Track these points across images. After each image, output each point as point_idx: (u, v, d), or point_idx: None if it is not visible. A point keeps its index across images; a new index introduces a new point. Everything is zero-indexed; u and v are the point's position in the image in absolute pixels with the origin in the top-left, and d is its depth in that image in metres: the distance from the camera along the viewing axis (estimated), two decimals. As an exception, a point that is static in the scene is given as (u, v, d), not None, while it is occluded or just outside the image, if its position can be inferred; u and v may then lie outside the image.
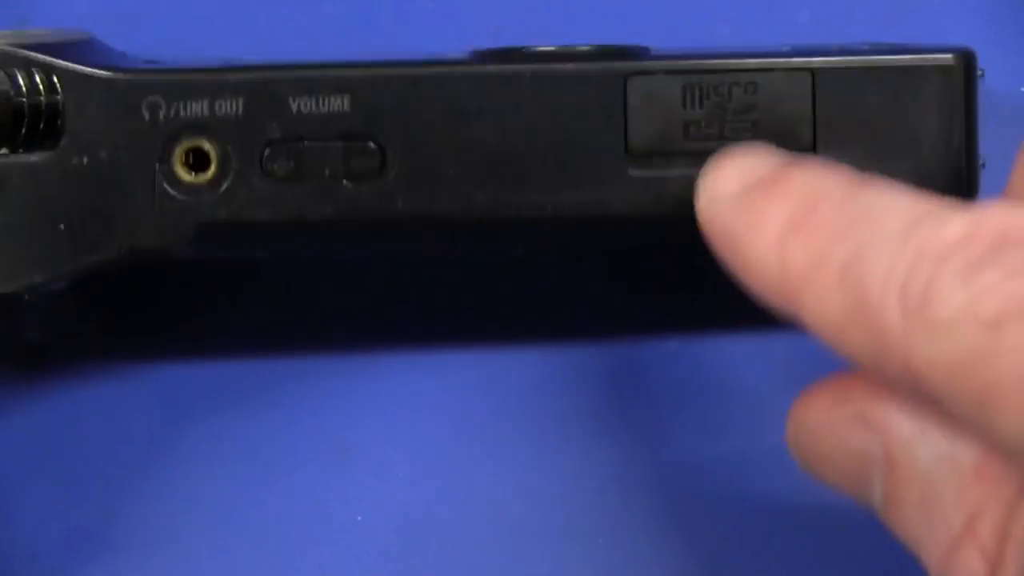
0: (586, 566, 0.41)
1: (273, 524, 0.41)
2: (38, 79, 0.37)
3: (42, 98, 0.37)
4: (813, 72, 0.38)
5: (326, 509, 0.41)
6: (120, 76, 0.38)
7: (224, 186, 0.38)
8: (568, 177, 0.38)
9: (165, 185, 0.38)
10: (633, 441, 0.42)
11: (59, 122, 0.38)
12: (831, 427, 0.34)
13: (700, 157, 0.37)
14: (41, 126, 0.38)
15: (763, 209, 0.33)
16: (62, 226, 0.38)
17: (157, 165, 0.38)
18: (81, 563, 0.41)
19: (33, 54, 0.37)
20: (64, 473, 0.42)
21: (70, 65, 0.38)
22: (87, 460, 0.42)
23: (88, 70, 0.38)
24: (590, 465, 0.42)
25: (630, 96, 0.38)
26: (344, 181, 0.38)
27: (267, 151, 0.38)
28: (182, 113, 0.38)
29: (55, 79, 0.37)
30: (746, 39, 0.44)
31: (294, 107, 0.38)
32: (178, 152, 0.38)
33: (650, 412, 0.42)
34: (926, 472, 0.33)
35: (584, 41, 0.39)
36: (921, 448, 0.33)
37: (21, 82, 0.37)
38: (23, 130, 0.37)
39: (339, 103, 0.38)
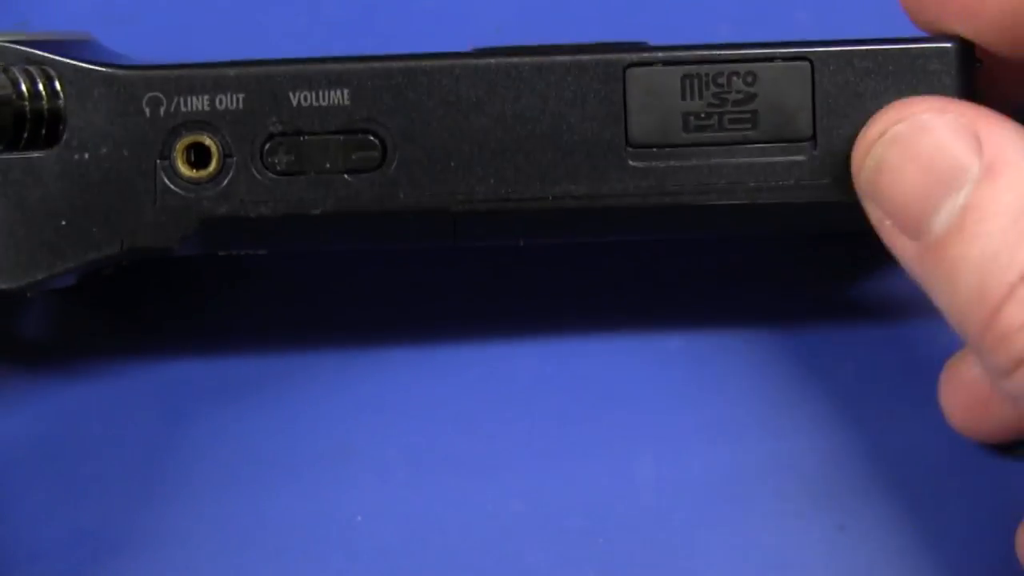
0: (586, 566, 0.41)
1: (273, 524, 0.41)
2: (40, 83, 0.38)
3: (44, 103, 0.38)
4: (812, 60, 0.38)
5: (326, 509, 0.41)
6: (121, 72, 0.38)
7: (225, 181, 0.38)
8: (568, 168, 0.38)
9: (166, 181, 0.38)
10: (633, 439, 0.42)
11: (60, 125, 0.38)
12: (938, 128, 0.36)
13: (699, 148, 0.38)
14: (43, 130, 0.38)
15: None
16: (64, 222, 0.38)
17: (158, 161, 0.38)
18: (81, 563, 0.41)
19: (33, 51, 0.38)
20: (64, 473, 0.42)
21: (70, 62, 0.38)
22: (87, 460, 0.42)
23: (89, 67, 0.38)
24: (590, 465, 0.42)
25: (629, 87, 0.38)
26: (345, 174, 0.38)
27: (268, 145, 0.38)
28: (183, 109, 0.38)
29: (56, 77, 0.38)
30: (746, 39, 0.44)
31: (294, 101, 0.38)
32: (179, 148, 0.38)
33: (650, 414, 0.42)
34: None
35: (584, 40, 0.39)
36: None
37: (24, 87, 0.37)
38: (25, 133, 0.37)
39: (339, 96, 0.38)
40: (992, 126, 0.36)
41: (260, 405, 0.42)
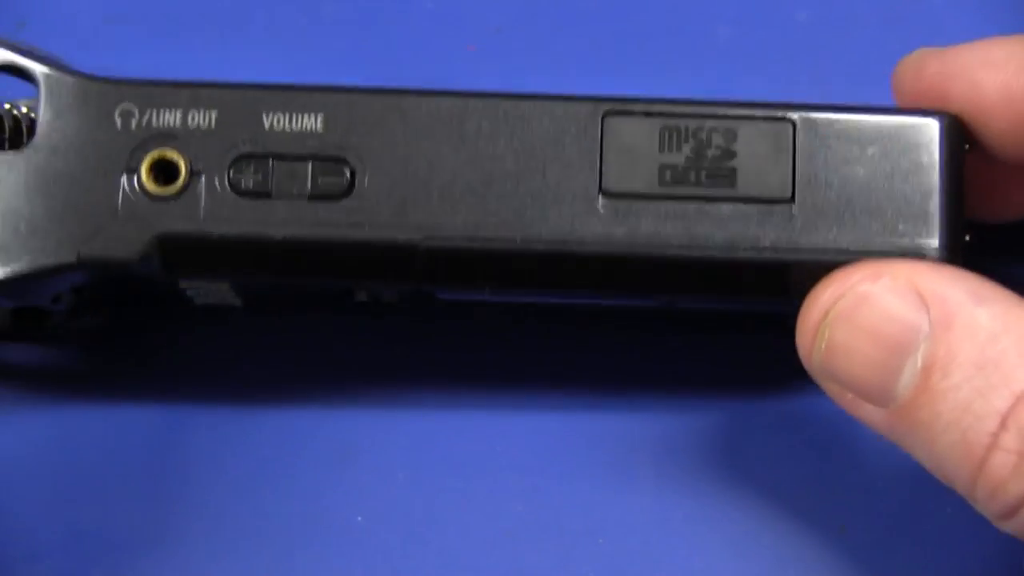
0: (586, 566, 0.41)
1: (273, 524, 0.41)
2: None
3: (17, 111, 0.37)
4: (794, 123, 0.37)
5: (326, 509, 0.41)
6: (95, 82, 0.37)
7: (188, 198, 0.37)
8: (539, 211, 0.37)
9: (129, 193, 0.37)
10: (633, 440, 0.42)
11: (29, 128, 0.37)
12: (878, 296, 0.35)
13: (674, 201, 0.37)
14: (9, 131, 0.37)
15: None
16: (22, 226, 0.37)
17: (124, 174, 0.37)
18: (81, 563, 0.41)
19: (11, 53, 0.37)
20: (64, 472, 0.42)
21: (45, 69, 0.37)
22: (87, 459, 0.42)
23: (63, 74, 0.37)
24: (590, 464, 0.42)
25: (607, 135, 0.37)
26: (310, 200, 0.37)
27: (235, 165, 0.37)
28: (154, 123, 0.37)
29: (34, 79, 0.37)
30: (746, 39, 0.44)
31: (267, 123, 0.37)
32: (146, 161, 0.37)
33: (651, 414, 0.42)
34: (987, 330, 0.34)
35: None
36: (978, 308, 0.35)
37: None
38: None
39: (312, 122, 0.37)
40: (931, 278, 0.35)
41: (260, 405, 0.42)
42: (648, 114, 0.37)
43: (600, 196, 0.37)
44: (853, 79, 0.43)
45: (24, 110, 0.38)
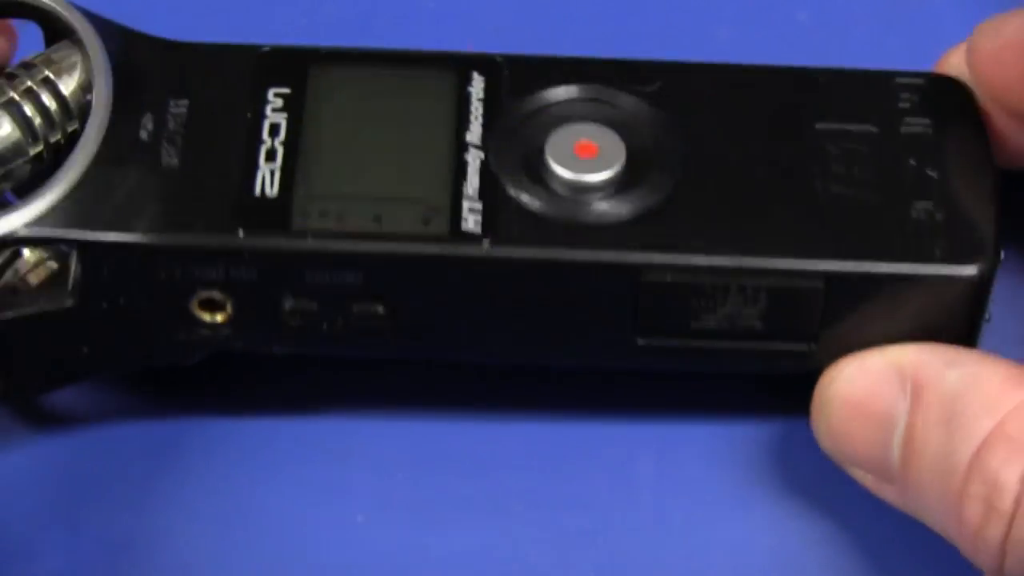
0: (586, 566, 0.41)
1: (273, 524, 0.41)
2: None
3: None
4: (827, 276, 0.37)
5: (326, 509, 0.41)
6: (138, 240, 0.38)
7: (238, 327, 0.39)
8: (574, 346, 0.39)
9: (182, 322, 0.39)
10: (634, 439, 0.42)
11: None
12: (862, 377, 0.38)
13: (706, 337, 0.38)
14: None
15: None
16: (85, 349, 0.39)
17: (175, 310, 0.39)
18: (82, 563, 0.41)
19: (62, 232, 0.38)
20: (64, 472, 0.42)
21: (97, 235, 0.38)
22: (87, 457, 0.42)
23: (110, 237, 0.38)
24: (590, 464, 0.42)
25: (643, 287, 0.38)
26: (353, 332, 0.39)
27: (279, 311, 0.39)
28: (197, 274, 0.38)
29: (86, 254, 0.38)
30: (746, 39, 0.44)
31: (308, 278, 0.38)
32: (195, 301, 0.39)
33: (651, 413, 0.42)
34: (953, 389, 0.36)
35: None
36: (950, 370, 0.36)
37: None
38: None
39: (353, 277, 0.38)
40: (909, 352, 0.37)
41: (260, 405, 0.42)
42: (681, 270, 0.38)
43: (635, 335, 0.39)
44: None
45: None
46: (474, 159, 0.39)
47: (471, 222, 0.38)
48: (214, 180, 0.38)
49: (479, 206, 0.38)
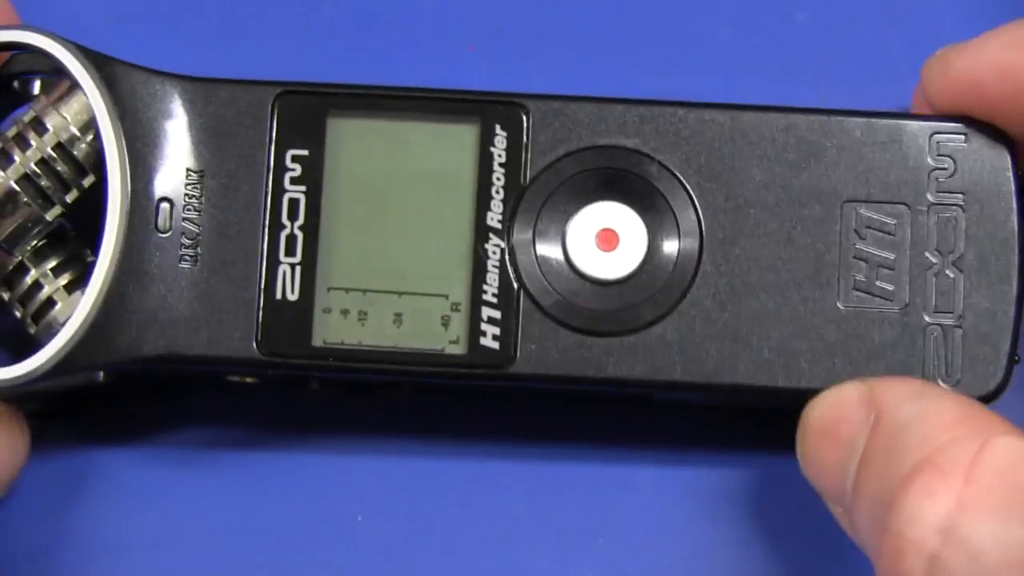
0: (586, 566, 0.41)
1: (273, 524, 0.41)
2: None
3: None
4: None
5: (326, 509, 0.41)
6: (161, 354, 0.38)
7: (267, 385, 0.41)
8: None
9: (211, 382, 0.41)
10: (633, 440, 0.42)
11: None
12: (833, 404, 0.37)
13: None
14: None
15: None
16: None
17: (205, 380, 0.41)
18: (82, 563, 0.41)
19: None
20: (65, 472, 0.42)
21: (120, 357, 0.38)
22: (88, 459, 0.42)
23: (134, 355, 0.38)
24: (591, 464, 0.42)
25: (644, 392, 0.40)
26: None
27: (307, 383, 0.41)
28: (222, 372, 0.40)
29: None
30: (746, 39, 0.44)
31: (331, 377, 0.40)
32: (223, 378, 0.40)
33: (652, 413, 0.42)
34: (904, 421, 0.35)
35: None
36: (909, 403, 0.35)
37: None
38: None
39: (373, 378, 0.40)
40: (884, 382, 0.36)
41: (260, 405, 0.42)
42: None
43: None
44: (853, 79, 0.43)
45: None
46: (494, 251, 0.38)
47: (489, 336, 0.38)
48: (233, 284, 0.38)
49: (498, 315, 0.38)
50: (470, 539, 0.41)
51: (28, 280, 0.39)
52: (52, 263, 0.39)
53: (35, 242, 0.39)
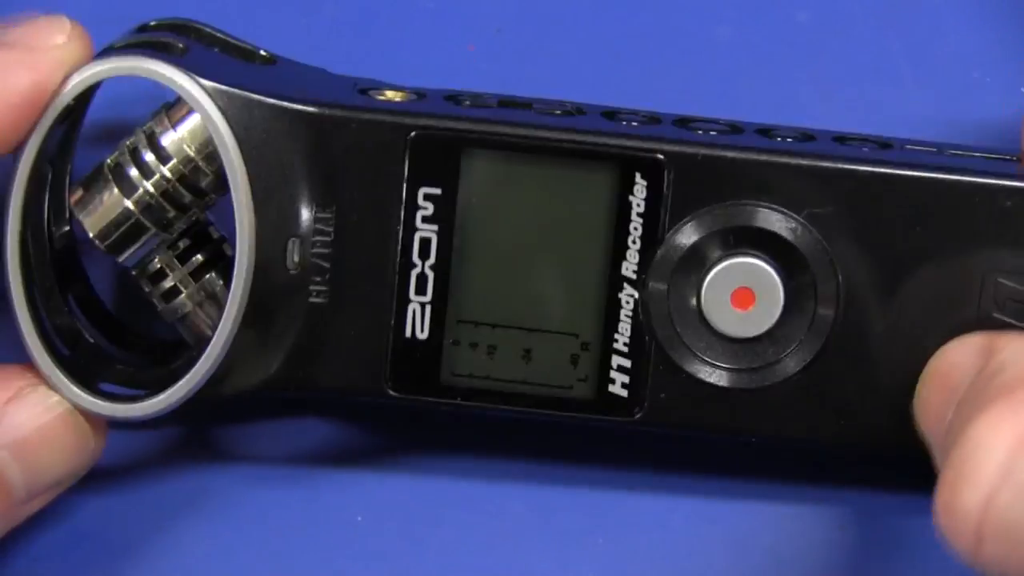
0: (586, 566, 0.41)
1: (273, 524, 0.41)
2: None
3: None
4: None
5: (326, 509, 0.41)
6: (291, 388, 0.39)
7: None
8: None
9: None
10: (633, 440, 0.42)
11: None
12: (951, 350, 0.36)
13: None
14: None
15: None
16: None
17: None
18: (82, 563, 0.41)
19: None
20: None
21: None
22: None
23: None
24: (591, 463, 0.42)
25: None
26: None
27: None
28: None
29: None
30: (746, 39, 0.44)
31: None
32: None
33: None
34: (1001, 364, 0.34)
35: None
36: (1007, 353, 0.34)
37: None
38: None
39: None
40: (1006, 335, 0.36)
41: (260, 405, 0.42)
42: None
43: None
44: (853, 79, 0.43)
45: None
46: (627, 301, 0.38)
47: (619, 384, 0.38)
48: (363, 320, 0.38)
49: (628, 364, 0.38)
50: (470, 539, 0.41)
51: (167, 284, 0.39)
52: (192, 264, 0.39)
53: (169, 250, 0.39)
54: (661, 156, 0.38)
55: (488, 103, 0.39)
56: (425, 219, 0.38)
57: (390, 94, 0.39)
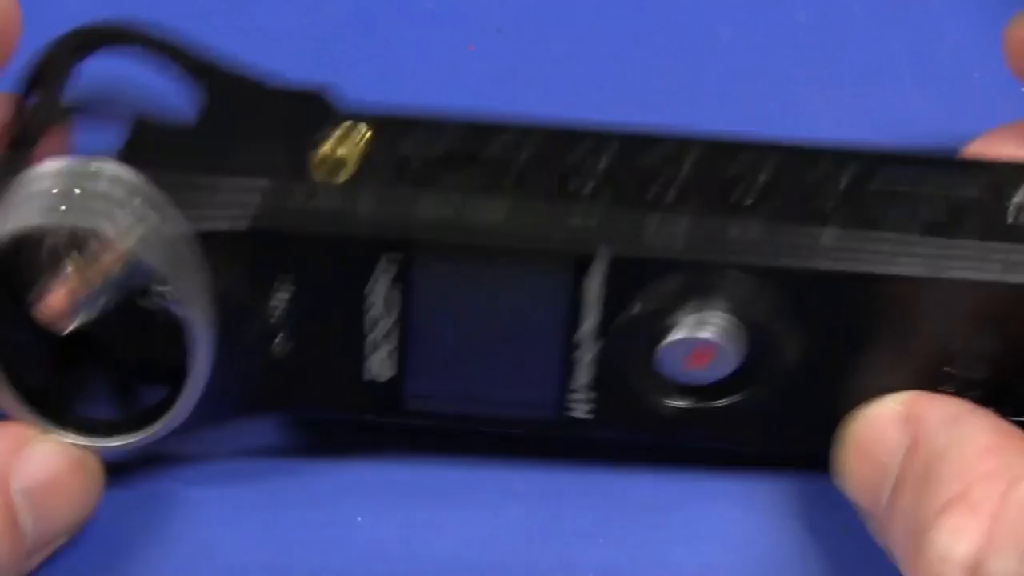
0: (586, 566, 0.41)
1: (273, 523, 0.41)
2: None
3: None
4: None
5: (326, 509, 0.41)
6: None
7: None
8: None
9: None
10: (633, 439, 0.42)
11: None
12: (875, 420, 0.37)
13: None
14: None
15: None
16: None
17: None
18: (82, 563, 0.41)
19: None
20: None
21: None
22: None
23: None
24: (591, 463, 0.42)
25: None
26: None
27: None
28: None
29: None
30: (746, 39, 0.44)
31: None
32: None
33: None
34: (939, 448, 0.36)
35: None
36: (944, 429, 0.36)
37: None
38: None
39: None
40: (922, 401, 0.37)
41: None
42: None
43: None
44: (853, 79, 0.43)
45: None
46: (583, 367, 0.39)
47: (579, 412, 0.39)
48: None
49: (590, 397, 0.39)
50: (470, 538, 0.41)
51: None
52: None
53: None
54: (605, 255, 0.37)
55: (435, 153, 0.38)
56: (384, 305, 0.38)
57: (326, 154, 0.38)
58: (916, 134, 0.41)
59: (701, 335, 0.37)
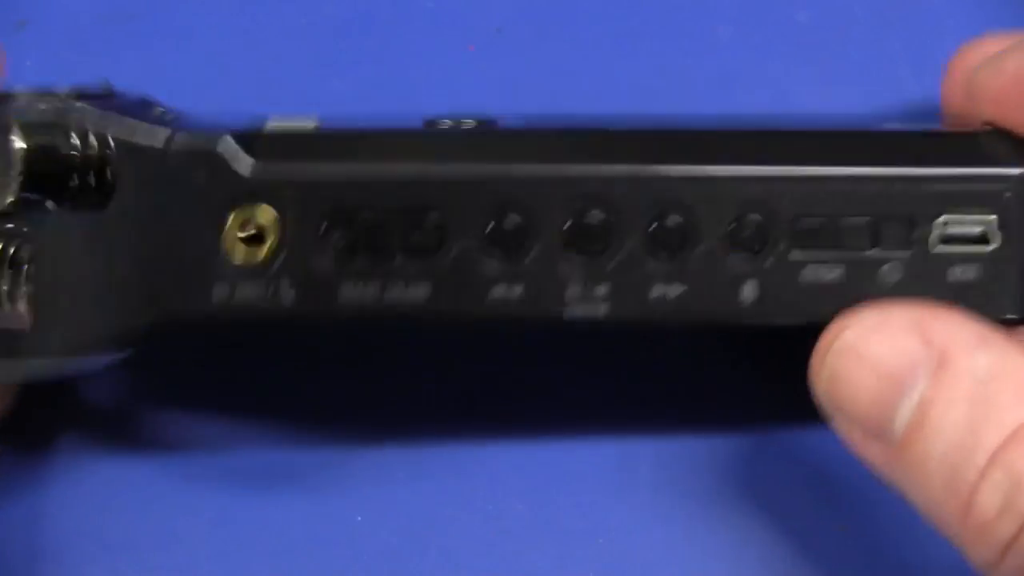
0: (586, 566, 0.41)
1: (274, 524, 0.41)
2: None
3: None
4: None
5: (326, 509, 0.41)
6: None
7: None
8: None
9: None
10: (633, 440, 0.42)
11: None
12: (885, 330, 0.36)
13: None
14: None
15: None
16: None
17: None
18: (83, 563, 0.41)
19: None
20: (65, 470, 0.42)
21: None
22: (88, 456, 0.42)
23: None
24: (591, 463, 0.42)
25: None
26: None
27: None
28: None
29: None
30: (746, 39, 0.44)
31: None
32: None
33: (650, 406, 0.42)
34: (984, 371, 0.34)
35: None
36: (980, 351, 0.35)
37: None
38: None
39: None
40: (937, 318, 0.35)
41: (260, 406, 0.42)
42: None
43: None
44: (853, 79, 0.43)
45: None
46: None
47: None
48: None
49: None
50: (470, 538, 0.41)
51: None
52: None
53: None
54: None
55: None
56: None
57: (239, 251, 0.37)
58: (916, 134, 0.41)
59: None
